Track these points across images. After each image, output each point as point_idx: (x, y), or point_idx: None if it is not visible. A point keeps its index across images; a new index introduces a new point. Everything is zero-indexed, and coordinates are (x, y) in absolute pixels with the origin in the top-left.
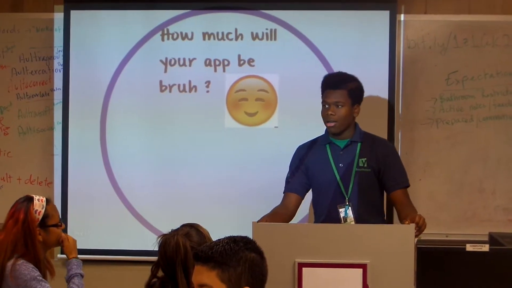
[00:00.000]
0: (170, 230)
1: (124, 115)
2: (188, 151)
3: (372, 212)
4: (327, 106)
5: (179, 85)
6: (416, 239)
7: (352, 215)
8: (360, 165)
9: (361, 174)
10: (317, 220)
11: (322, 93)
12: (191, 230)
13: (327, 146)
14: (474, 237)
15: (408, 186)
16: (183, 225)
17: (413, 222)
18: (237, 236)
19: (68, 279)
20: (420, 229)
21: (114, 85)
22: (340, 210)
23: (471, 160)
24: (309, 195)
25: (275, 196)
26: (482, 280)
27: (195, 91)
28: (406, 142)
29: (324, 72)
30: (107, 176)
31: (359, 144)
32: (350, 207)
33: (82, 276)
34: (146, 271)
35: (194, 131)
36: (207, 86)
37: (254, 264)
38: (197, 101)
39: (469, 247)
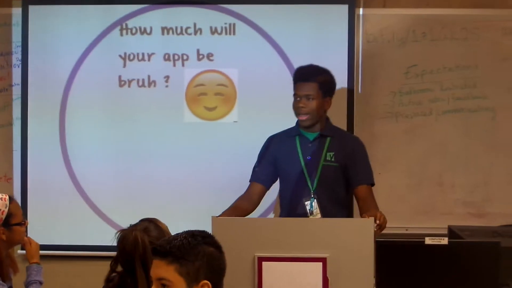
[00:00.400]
0: (129, 225)
1: (83, 110)
2: (148, 146)
3: (337, 206)
4: (298, 98)
5: (138, 80)
6: (378, 234)
7: (318, 208)
8: (327, 158)
9: (328, 168)
10: (282, 211)
11: (294, 85)
12: (150, 225)
13: (297, 138)
14: (434, 231)
15: (373, 184)
16: (142, 220)
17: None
18: (195, 231)
19: (26, 285)
20: (380, 227)
21: (73, 80)
22: (306, 203)
23: (430, 153)
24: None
25: (234, 190)
26: (441, 273)
27: (154, 86)
28: (365, 136)
29: (283, 66)
30: (67, 172)
31: (328, 138)
32: (315, 200)
33: (41, 283)
34: (107, 266)
35: (154, 126)
36: (166, 81)
37: (212, 258)
38: (156, 96)
39: (428, 240)
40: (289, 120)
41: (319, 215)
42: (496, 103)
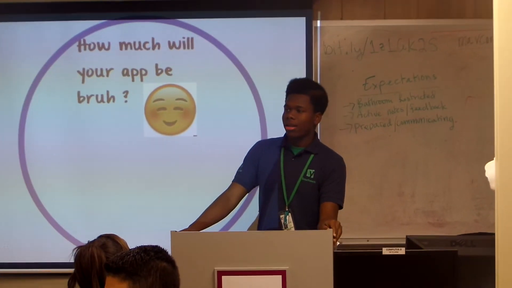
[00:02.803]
0: (87, 242)
1: (42, 127)
2: (108, 161)
3: (311, 222)
4: (288, 109)
5: (97, 96)
6: (336, 245)
7: (292, 221)
8: (307, 175)
9: (306, 184)
10: (259, 218)
11: (286, 97)
12: (107, 241)
13: (282, 149)
14: (394, 241)
15: (341, 206)
16: (100, 236)
17: (329, 226)
18: (148, 246)
19: None
20: (337, 233)
21: (31, 97)
22: (281, 216)
23: (390, 164)
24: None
25: (195, 205)
26: (400, 283)
27: (113, 101)
28: None
29: (241, 79)
30: (27, 189)
31: (311, 155)
32: (290, 214)
33: None
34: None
35: (113, 141)
36: (125, 96)
37: (165, 273)
38: (115, 111)
39: (385, 251)
40: (249, 133)
41: (293, 229)
42: (455, 112)
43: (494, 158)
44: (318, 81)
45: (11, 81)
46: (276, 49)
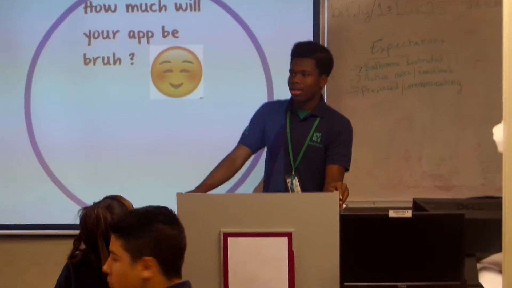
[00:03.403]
0: (92, 203)
1: (49, 89)
2: (113, 123)
3: (318, 186)
4: (293, 74)
5: (103, 58)
6: (342, 207)
7: (299, 186)
8: (313, 139)
9: (312, 148)
10: (264, 184)
11: (291, 61)
12: (113, 202)
13: (288, 113)
14: (401, 204)
15: (347, 169)
16: (105, 198)
17: (335, 189)
18: (151, 207)
19: None
20: (343, 196)
21: (37, 59)
22: (287, 180)
23: (397, 127)
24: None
25: (201, 167)
26: (406, 245)
27: (120, 63)
28: None
29: (248, 42)
30: (33, 151)
31: (318, 119)
32: (296, 178)
33: None
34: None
35: (119, 103)
36: (132, 58)
37: (162, 235)
38: (121, 74)
39: (392, 213)
40: (256, 95)
41: (299, 193)
42: (462, 76)
43: (502, 121)
44: (326, 45)
45: (17, 44)
46: (283, 12)
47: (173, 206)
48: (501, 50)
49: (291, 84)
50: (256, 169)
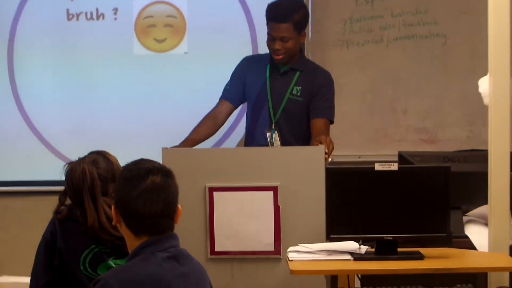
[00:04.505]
0: (77, 158)
1: (32, 45)
2: (97, 79)
3: (299, 140)
4: (272, 39)
5: (86, 13)
6: (328, 161)
7: (278, 140)
8: (293, 92)
9: (292, 101)
10: (246, 136)
11: (267, 24)
12: (98, 157)
13: (268, 66)
14: (386, 158)
15: (332, 121)
16: (90, 153)
17: (320, 143)
18: (136, 161)
19: None
20: (328, 149)
21: (19, 16)
22: (267, 134)
23: (382, 80)
24: None
25: (185, 122)
26: (392, 199)
27: (103, 18)
28: None
29: None
30: (17, 108)
31: (298, 73)
32: (276, 132)
33: None
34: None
35: (103, 59)
36: (115, 13)
37: (118, 190)
38: (105, 29)
39: (378, 167)
40: (240, 50)
41: (285, 147)
42: (447, 28)
43: (488, 74)
44: None
45: None
46: None
47: (157, 160)
48: (486, 1)
49: (272, 50)
50: (239, 125)
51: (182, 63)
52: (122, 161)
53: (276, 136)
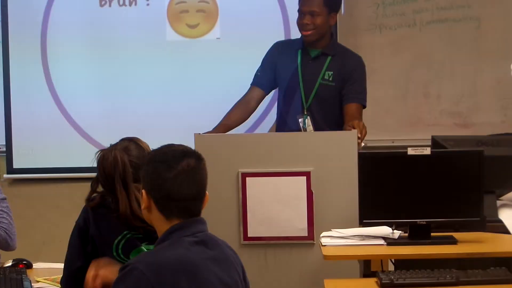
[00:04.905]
0: (109, 145)
1: (65, 33)
2: (130, 65)
3: (331, 125)
4: (302, 15)
5: None
6: (361, 146)
7: (311, 125)
8: (325, 77)
9: (325, 86)
10: (278, 122)
11: (299, 1)
12: (130, 144)
13: (299, 52)
14: (420, 142)
15: (364, 105)
16: (122, 139)
17: (353, 127)
18: (168, 145)
19: None
20: (361, 134)
21: (52, 3)
22: (300, 119)
23: (415, 65)
24: None
25: (218, 107)
26: (425, 183)
27: (135, 4)
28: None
29: None
30: (51, 95)
31: (329, 57)
32: (308, 117)
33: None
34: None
35: (136, 45)
36: None
37: (151, 173)
38: (137, 15)
39: (410, 151)
40: (272, 35)
41: (318, 132)
42: (481, 12)
43: None
44: None
45: None
46: None
47: (191, 146)
48: None
49: (301, 26)
50: (272, 111)
51: (215, 49)
52: (154, 148)
53: (308, 121)
